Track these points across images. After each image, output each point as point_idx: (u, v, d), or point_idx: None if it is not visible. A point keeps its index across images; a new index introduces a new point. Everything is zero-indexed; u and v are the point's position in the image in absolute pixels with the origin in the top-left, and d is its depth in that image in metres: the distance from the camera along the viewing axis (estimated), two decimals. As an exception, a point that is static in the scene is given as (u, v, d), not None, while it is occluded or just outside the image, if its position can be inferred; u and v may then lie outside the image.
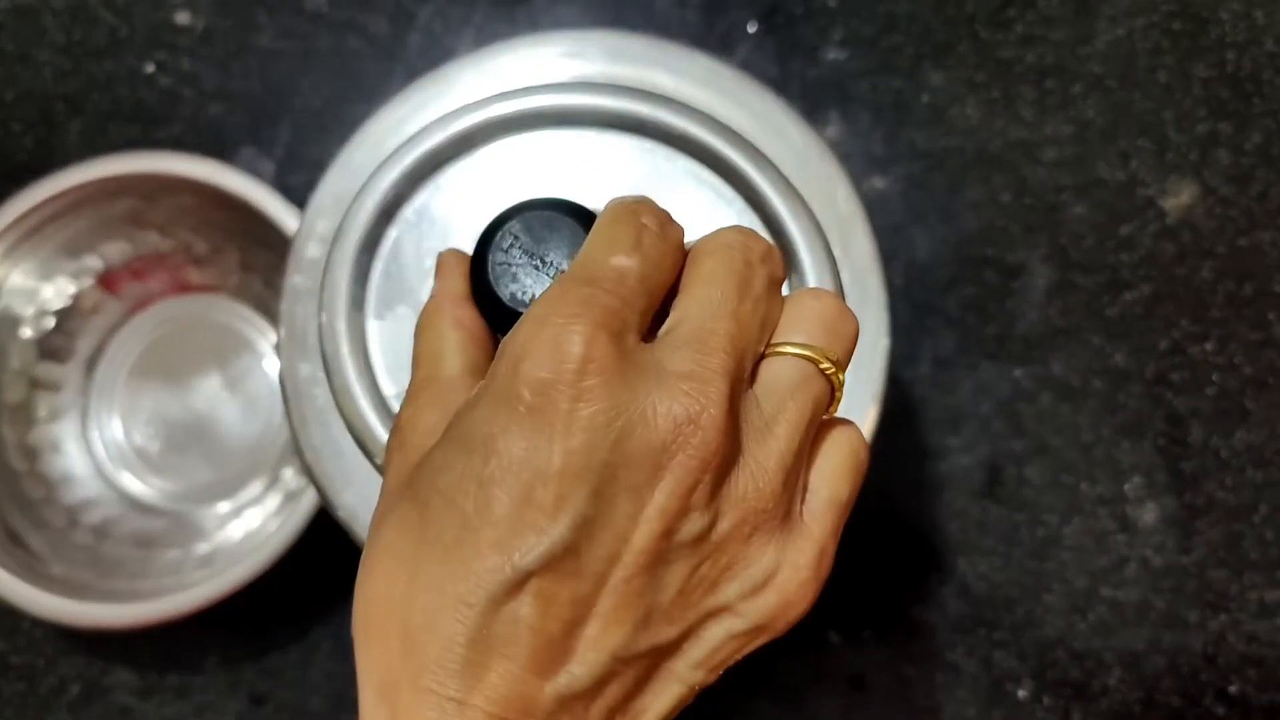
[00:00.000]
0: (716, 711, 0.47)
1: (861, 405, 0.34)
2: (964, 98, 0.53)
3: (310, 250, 0.36)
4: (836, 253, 0.33)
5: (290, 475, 0.50)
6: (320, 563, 0.49)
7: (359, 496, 0.34)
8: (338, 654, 0.48)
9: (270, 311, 0.52)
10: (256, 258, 0.51)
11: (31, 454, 0.50)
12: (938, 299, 0.51)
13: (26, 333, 0.50)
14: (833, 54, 0.54)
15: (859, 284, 0.35)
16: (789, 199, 0.29)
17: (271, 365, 0.52)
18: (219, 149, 0.54)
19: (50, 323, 0.51)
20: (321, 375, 0.34)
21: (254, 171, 0.53)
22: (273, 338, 0.52)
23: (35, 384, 0.51)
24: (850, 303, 0.34)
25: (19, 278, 0.49)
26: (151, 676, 0.49)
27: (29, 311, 0.50)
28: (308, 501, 0.44)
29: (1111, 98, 0.53)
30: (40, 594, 0.45)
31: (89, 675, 0.49)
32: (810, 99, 0.54)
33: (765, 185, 0.29)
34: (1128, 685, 0.47)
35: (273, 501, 0.50)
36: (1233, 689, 0.47)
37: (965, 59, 0.54)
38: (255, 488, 0.50)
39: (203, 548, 0.49)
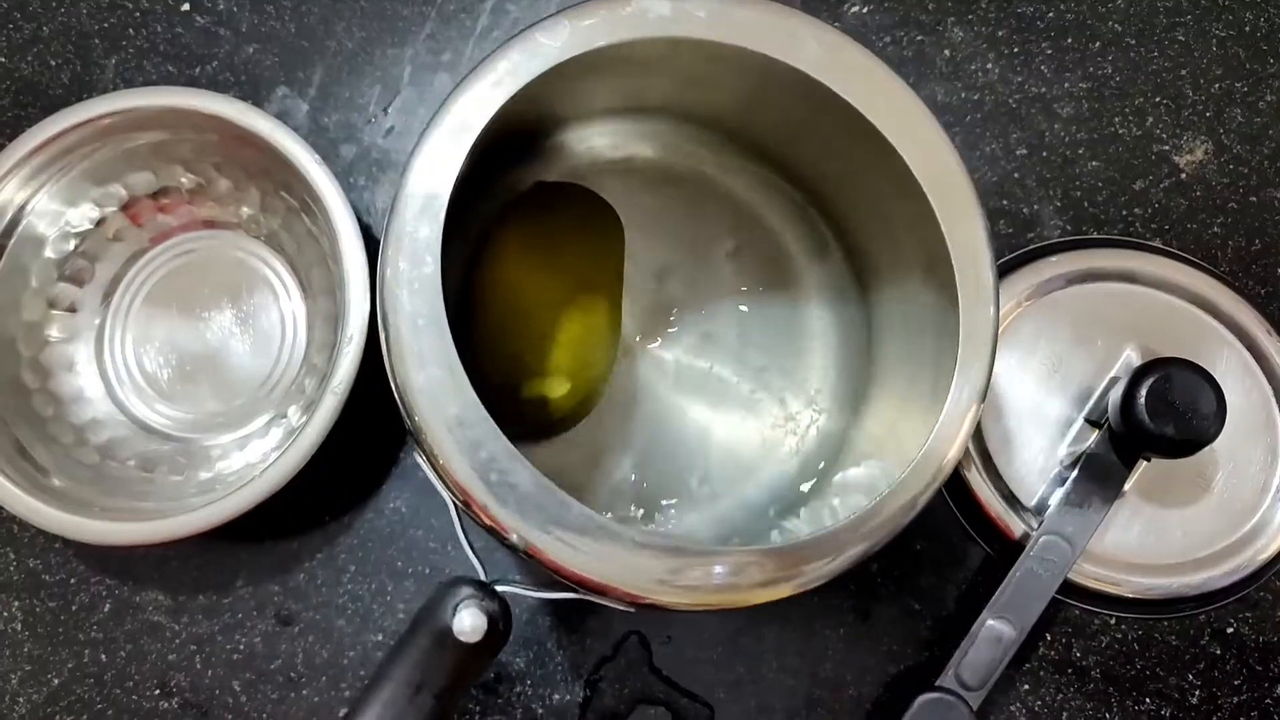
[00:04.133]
0: (725, 634, 0.48)
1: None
2: (984, 53, 0.54)
3: (471, 117, 0.35)
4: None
5: (294, 413, 0.51)
6: (349, 488, 0.51)
7: (434, 379, 0.34)
8: (363, 578, 0.50)
9: (285, 251, 0.53)
10: (276, 200, 0.52)
11: (44, 372, 0.51)
12: (953, 248, 0.52)
13: (48, 253, 0.51)
14: (856, 7, 0.55)
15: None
16: None
17: (284, 304, 0.53)
18: (253, 89, 0.55)
19: (71, 245, 0.52)
20: (438, 244, 0.35)
21: (287, 112, 0.55)
22: (287, 277, 0.53)
23: (52, 303, 0.52)
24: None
25: (45, 199, 0.50)
26: (182, 595, 0.50)
27: (52, 233, 0.51)
28: (308, 438, 0.45)
29: (1129, 55, 0.54)
30: (42, 506, 0.46)
31: (120, 594, 0.51)
32: (833, 51, 0.55)
33: None
34: (1127, 624, 0.48)
35: (276, 436, 0.51)
36: (1229, 630, 0.48)
37: (986, 15, 0.55)
38: (260, 422, 0.51)
39: (204, 475, 0.50)
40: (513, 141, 0.46)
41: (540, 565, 0.33)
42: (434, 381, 0.33)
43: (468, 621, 0.34)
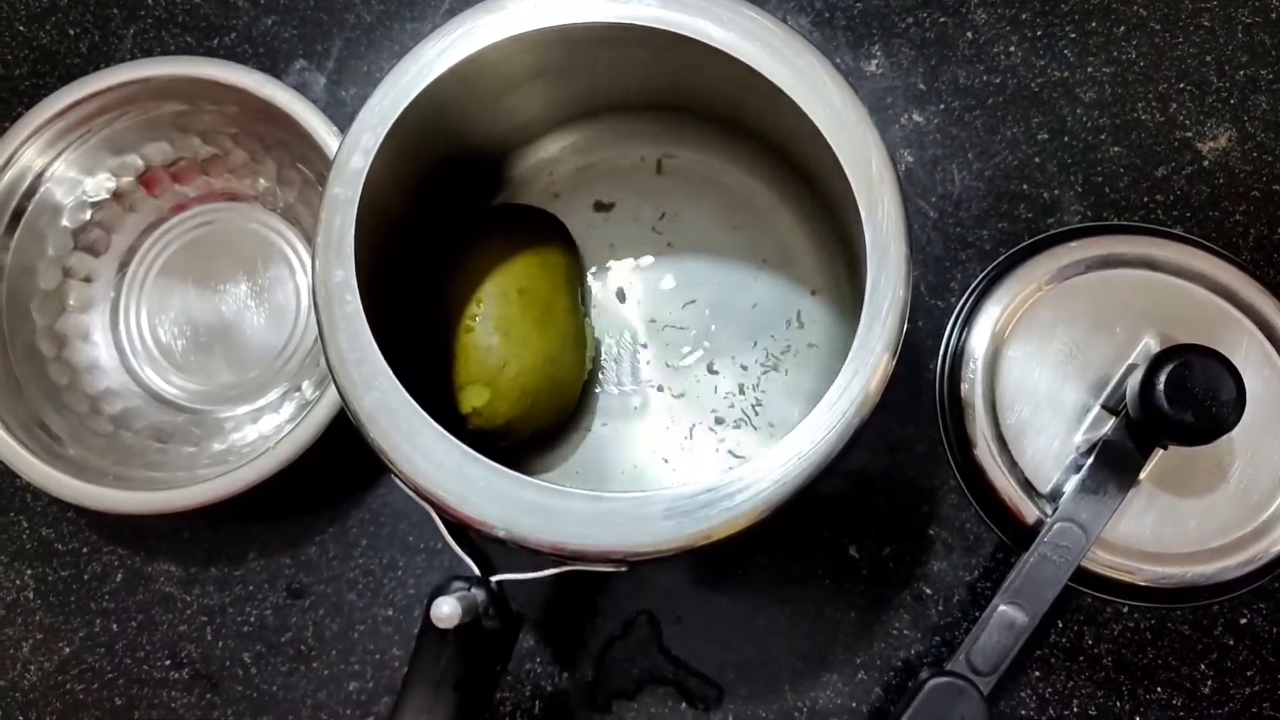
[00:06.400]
0: (735, 615, 0.48)
1: (877, 353, 0.35)
2: (1007, 36, 0.54)
3: (354, 162, 0.37)
4: (863, 214, 0.36)
5: (308, 386, 0.51)
6: (362, 462, 0.50)
7: (378, 402, 0.35)
8: (374, 552, 0.50)
9: (302, 224, 0.53)
10: (293, 172, 0.52)
11: (60, 341, 0.51)
12: (971, 232, 0.52)
13: (65, 222, 0.51)
14: (878, -12, 0.55)
15: (880, 247, 0.36)
16: None
17: (300, 278, 0.53)
18: (271, 61, 0.55)
19: (88, 214, 0.52)
20: (353, 282, 0.36)
21: (305, 84, 0.54)
22: (303, 251, 0.53)
23: (68, 273, 0.52)
24: (871, 261, 0.36)
25: (63, 167, 0.50)
26: (193, 567, 0.50)
27: (69, 201, 0.51)
28: (321, 412, 0.46)
29: (1154, 40, 0.53)
30: (56, 474, 0.46)
31: (132, 564, 0.51)
32: (855, 33, 0.54)
33: None
34: (1140, 613, 0.48)
35: (289, 410, 0.51)
36: (1243, 621, 0.48)
37: (1010, -3, 0.54)
38: (273, 395, 0.51)
39: (217, 447, 0.50)
40: (482, 165, 0.47)
41: (519, 547, 0.34)
42: (377, 405, 0.35)
43: (444, 609, 0.36)
